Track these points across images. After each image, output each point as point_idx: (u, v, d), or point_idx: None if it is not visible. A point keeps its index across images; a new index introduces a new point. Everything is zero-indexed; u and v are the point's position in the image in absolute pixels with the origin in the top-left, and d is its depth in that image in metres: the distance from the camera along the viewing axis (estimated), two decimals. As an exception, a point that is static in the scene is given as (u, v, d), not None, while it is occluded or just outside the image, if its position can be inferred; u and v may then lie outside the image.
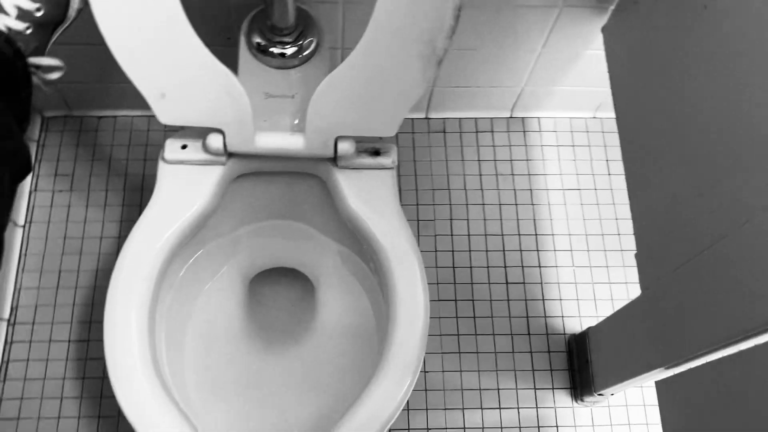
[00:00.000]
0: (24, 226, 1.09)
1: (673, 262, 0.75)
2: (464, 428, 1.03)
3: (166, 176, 0.79)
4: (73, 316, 1.05)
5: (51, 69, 0.62)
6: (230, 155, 0.79)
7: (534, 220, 1.15)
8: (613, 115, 1.20)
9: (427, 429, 1.02)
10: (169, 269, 0.79)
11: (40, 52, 0.61)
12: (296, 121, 0.81)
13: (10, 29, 0.58)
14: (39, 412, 1.00)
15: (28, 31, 0.59)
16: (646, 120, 0.84)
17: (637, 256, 0.85)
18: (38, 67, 0.61)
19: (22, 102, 0.58)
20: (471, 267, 1.12)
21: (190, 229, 0.78)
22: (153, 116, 1.16)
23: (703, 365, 0.70)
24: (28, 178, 1.12)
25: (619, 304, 1.10)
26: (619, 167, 1.19)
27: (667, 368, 0.78)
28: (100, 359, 1.03)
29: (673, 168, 0.76)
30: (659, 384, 0.81)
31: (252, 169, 0.83)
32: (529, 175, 1.19)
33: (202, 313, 0.90)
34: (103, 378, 1.02)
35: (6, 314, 1.04)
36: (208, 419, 0.83)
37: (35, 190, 1.12)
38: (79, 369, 1.02)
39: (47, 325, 1.05)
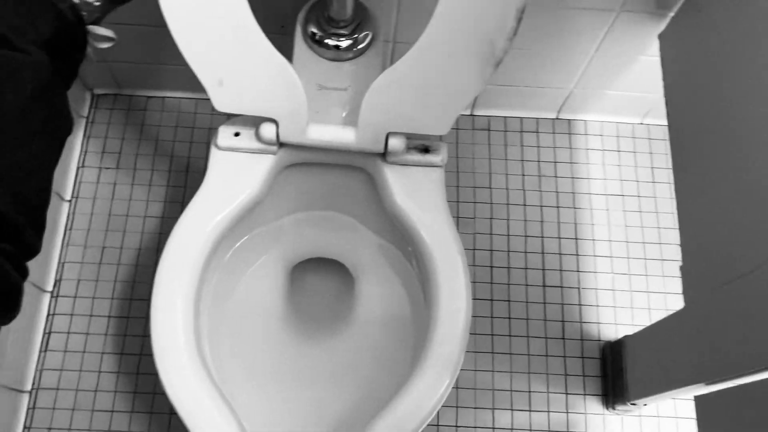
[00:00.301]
0: (70, 201, 1.11)
1: (720, 278, 0.74)
2: (493, 428, 1.03)
3: (218, 162, 0.79)
4: (114, 292, 1.07)
5: (104, 39, 0.63)
6: (281, 145, 0.80)
7: (575, 223, 1.15)
8: (660, 122, 1.20)
9: (456, 426, 1.03)
10: (215, 253, 0.79)
11: (98, 22, 0.62)
12: (346, 115, 0.81)
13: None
14: (77, 383, 1.02)
15: (97, 3, 0.61)
16: (700, 129, 0.83)
17: (682, 268, 0.84)
18: (93, 35, 0.62)
19: (72, 67, 0.60)
20: (509, 267, 1.11)
21: (238, 215, 0.79)
22: (201, 99, 1.19)
23: (751, 383, 0.69)
24: (76, 153, 1.14)
25: (657, 314, 1.09)
26: (663, 176, 1.18)
27: (708, 384, 0.77)
28: (139, 336, 1.05)
29: (727, 180, 0.75)
30: (699, 399, 0.81)
31: (302, 160, 0.83)
32: (573, 178, 1.18)
33: (243, 298, 0.91)
34: (141, 355, 1.04)
35: (49, 287, 1.06)
36: (244, 402, 0.84)
37: (83, 165, 1.13)
38: (118, 344, 1.04)
39: (88, 299, 1.06)
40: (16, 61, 0.50)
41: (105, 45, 0.65)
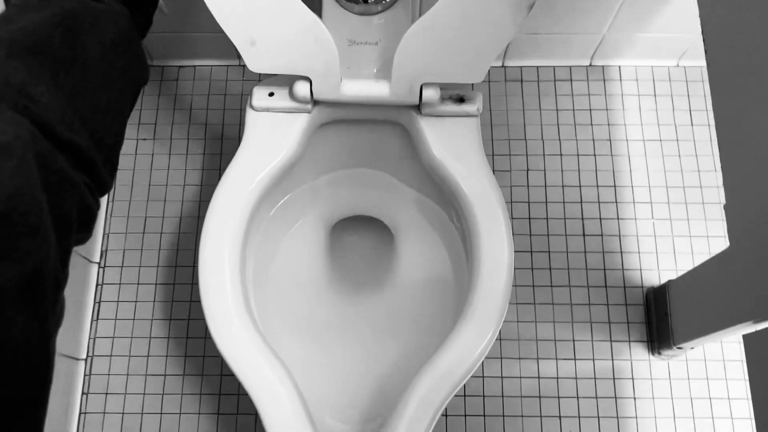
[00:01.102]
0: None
1: (765, 214, 0.72)
2: (538, 377, 1.04)
3: (254, 124, 0.80)
4: (159, 260, 1.09)
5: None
6: (315, 103, 0.80)
7: (613, 171, 1.13)
8: (698, 63, 1.17)
9: (502, 377, 1.04)
10: (257, 213, 0.80)
11: None
12: (378, 69, 0.81)
13: None
14: (129, 350, 1.05)
15: None
16: (743, 65, 0.81)
17: (725, 207, 0.83)
18: None
19: (147, 17, 0.66)
20: (547, 218, 1.11)
21: (277, 175, 0.79)
22: (231, 66, 1.19)
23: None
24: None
25: (700, 258, 1.08)
26: (702, 118, 1.16)
27: (756, 322, 0.77)
28: (185, 301, 1.07)
29: (771, 116, 0.73)
30: (747, 338, 0.80)
31: (336, 117, 0.83)
32: (609, 125, 1.16)
33: (285, 256, 0.92)
34: (189, 319, 1.06)
35: (96, 258, 1.09)
36: (289, 359, 0.86)
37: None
38: (166, 310, 1.07)
39: (135, 268, 1.09)
40: (99, 11, 0.54)
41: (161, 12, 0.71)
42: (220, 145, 1.15)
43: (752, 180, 0.77)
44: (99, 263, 1.09)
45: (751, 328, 0.88)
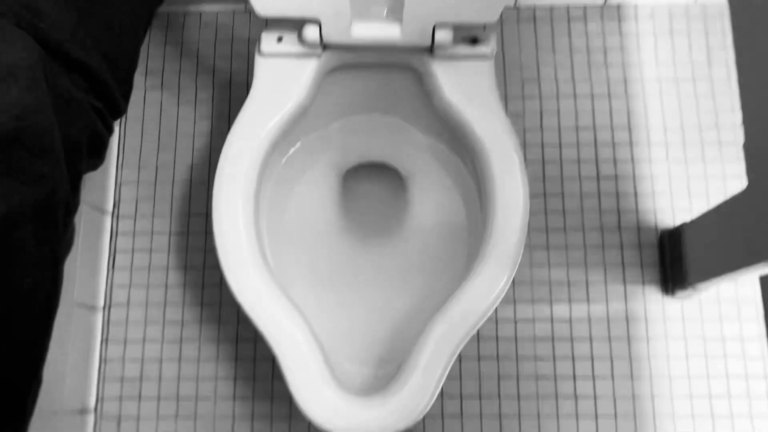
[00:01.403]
0: (120, 122, 1.13)
1: (787, 153, 0.71)
2: (552, 320, 1.04)
3: (263, 70, 0.79)
4: (172, 209, 1.09)
5: None
6: (325, 47, 0.79)
7: (628, 111, 1.11)
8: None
9: (515, 320, 1.04)
10: (269, 160, 0.80)
11: None
12: (389, 10, 0.79)
13: None
14: (146, 298, 1.06)
15: None
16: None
17: (744, 146, 0.82)
18: None
19: None
20: (561, 161, 1.10)
21: (288, 122, 0.78)
22: (237, 12, 1.17)
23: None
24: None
25: (715, 199, 1.07)
26: (720, 56, 1.13)
27: (773, 262, 0.76)
28: (200, 249, 1.08)
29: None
30: (764, 279, 0.80)
31: (346, 62, 0.82)
32: (624, 65, 1.14)
33: (298, 204, 0.92)
34: (204, 268, 1.07)
35: (110, 207, 1.09)
36: (304, 305, 0.87)
37: (128, 87, 1.14)
38: (181, 259, 1.07)
39: (148, 217, 1.09)
40: None
41: None
42: (229, 93, 1.14)
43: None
44: (112, 213, 1.09)
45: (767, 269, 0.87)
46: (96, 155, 0.50)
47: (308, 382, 0.71)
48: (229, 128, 1.10)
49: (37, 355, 0.43)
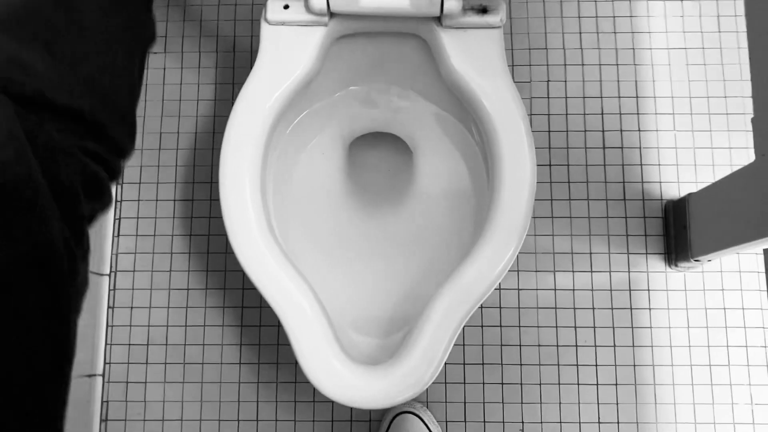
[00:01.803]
0: (123, 89, 1.11)
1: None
2: (555, 289, 1.05)
3: (269, 38, 0.78)
4: (176, 176, 1.09)
5: None
6: (332, 15, 0.77)
7: (635, 81, 1.10)
8: (731, -35, 1.12)
9: (518, 289, 1.05)
10: (275, 131, 0.79)
11: None
12: (398, -22, 0.78)
13: None
14: (152, 265, 1.07)
15: None
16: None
17: (753, 120, 0.81)
18: None
19: None
20: (567, 131, 1.09)
21: (295, 91, 0.78)
22: (241, -26, 1.14)
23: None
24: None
25: (721, 170, 1.07)
26: (730, 24, 1.11)
27: (779, 236, 0.77)
28: (205, 217, 1.08)
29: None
30: (768, 252, 0.80)
31: (354, 30, 0.81)
32: (632, 32, 1.12)
33: (304, 173, 0.91)
34: (209, 235, 1.07)
35: (114, 174, 1.09)
36: (312, 276, 0.87)
37: (131, 52, 1.13)
38: (186, 226, 1.08)
39: (153, 184, 1.09)
40: None
41: None
42: (233, 58, 1.12)
43: (783, 92, 0.74)
44: (117, 179, 1.09)
45: (772, 242, 0.88)
46: (96, 198, 0.48)
47: (315, 352, 0.71)
48: (233, 95, 1.10)
49: (53, 410, 0.42)
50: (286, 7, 0.77)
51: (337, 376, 0.71)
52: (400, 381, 0.70)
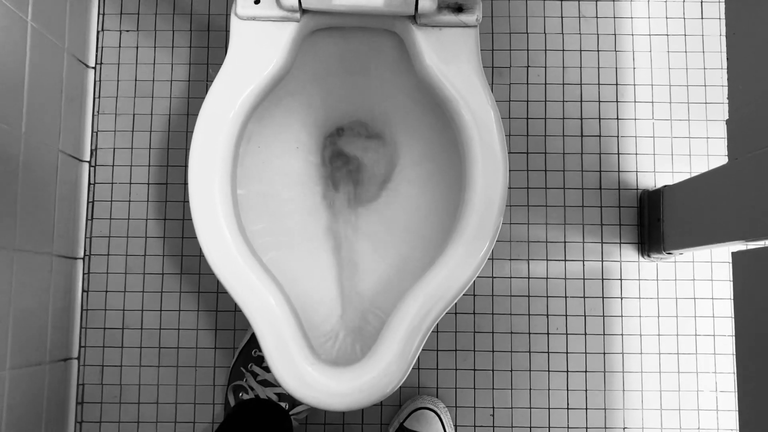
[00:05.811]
0: (94, 68, 1.09)
1: (769, 135, 0.70)
2: (528, 278, 1.06)
3: (240, 33, 0.76)
4: (150, 159, 1.08)
5: (301, 412, 0.95)
6: (304, 11, 0.76)
7: (616, 68, 1.09)
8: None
9: (492, 277, 1.06)
10: (246, 127, 0.78)
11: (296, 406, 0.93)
12: (372, -29, 0.75)
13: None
14: (126, 249, 1.06)
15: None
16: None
17: (728, 122, 0.81)
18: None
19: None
20: (545, 118, 1.08)
21: (266, 88, 0.76)
22: (216, -50, 1.11)
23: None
24: (94, 16, 1.09)
25: (698, 160, 1.07)
26: (713, 10, 1.10)
27: (747, 242, 0.77)
28: (180, 201, 1.07)
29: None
30: (736, 255, 0.81)
31: (327, 24, 0.79)
32: (615, 17, 1.10)
33: (277, 170, 0.90)
34: (183, 220, 1.06)
35: (87, 156, 1.07)
36: (281, 272, 0.87)
37: (102, 29, 1.10)
38: (160, 210, 1.07)
39: (126, 167, 1.08)
40: None
41: (302, 415, 0.99)
42: (207, 38, 1.10)
43: (759, 97, 0.74)
44: (89, 162, 1.08)
45: (741, 246, 0.88)
46: None
47: (283, 353, 0.72)
48: (207, 75, 1.08)
49: None
50: (257, 1, 0.75)
51: (305, 378, 0.71)
52: (369, 384, 0.71)
